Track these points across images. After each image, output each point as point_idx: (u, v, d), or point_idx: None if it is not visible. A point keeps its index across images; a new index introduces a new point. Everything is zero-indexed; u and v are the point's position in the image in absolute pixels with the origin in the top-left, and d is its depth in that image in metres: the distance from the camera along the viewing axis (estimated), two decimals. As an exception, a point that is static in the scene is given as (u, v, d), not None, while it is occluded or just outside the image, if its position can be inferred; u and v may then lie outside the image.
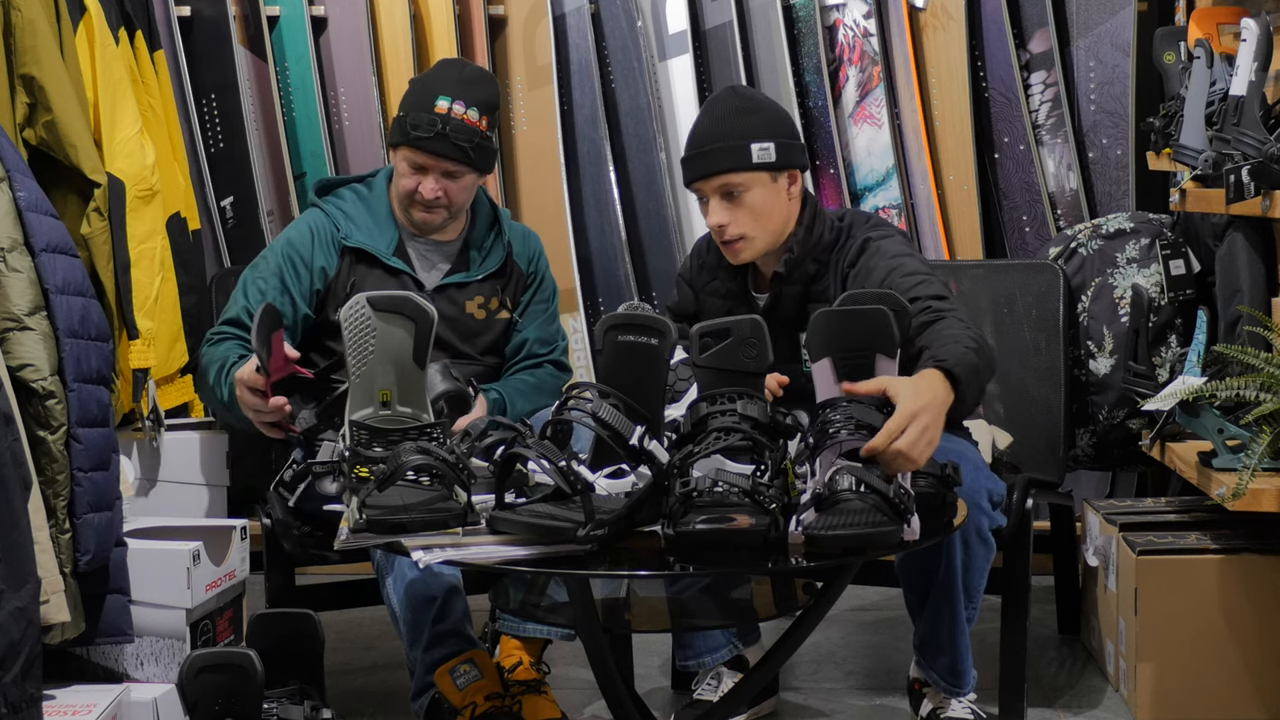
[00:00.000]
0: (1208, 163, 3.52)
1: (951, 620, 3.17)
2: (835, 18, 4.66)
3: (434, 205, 3.48)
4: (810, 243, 3.22)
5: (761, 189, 3.18)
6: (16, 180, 2.89)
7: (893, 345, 2.57)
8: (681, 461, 2.53)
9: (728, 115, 3.20)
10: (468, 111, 3.44)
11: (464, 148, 3.44)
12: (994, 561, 3.19)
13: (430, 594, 3.15)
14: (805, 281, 3.23)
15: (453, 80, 3.48)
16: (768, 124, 3.19)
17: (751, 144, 3.16)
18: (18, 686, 2.50)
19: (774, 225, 3.21)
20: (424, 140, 3.42)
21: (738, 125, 3.18)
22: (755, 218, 3.19)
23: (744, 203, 3.18)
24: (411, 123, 3.43)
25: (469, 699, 3.11)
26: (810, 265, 3.22)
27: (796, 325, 3.13)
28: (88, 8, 3.46)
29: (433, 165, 3.45)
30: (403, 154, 3.46)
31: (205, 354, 3.45)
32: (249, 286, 3.48)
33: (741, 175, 3.16)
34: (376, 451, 2.62)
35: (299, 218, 3.59)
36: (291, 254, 3.48)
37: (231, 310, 3.48)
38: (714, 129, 3.20)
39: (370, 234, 3.51)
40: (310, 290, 3.46)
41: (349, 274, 3.47)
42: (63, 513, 2.84)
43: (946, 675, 3.24)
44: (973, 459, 3.12)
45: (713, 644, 3.42)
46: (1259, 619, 3.36)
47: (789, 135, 3.22)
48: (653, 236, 4.75)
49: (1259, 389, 3.15)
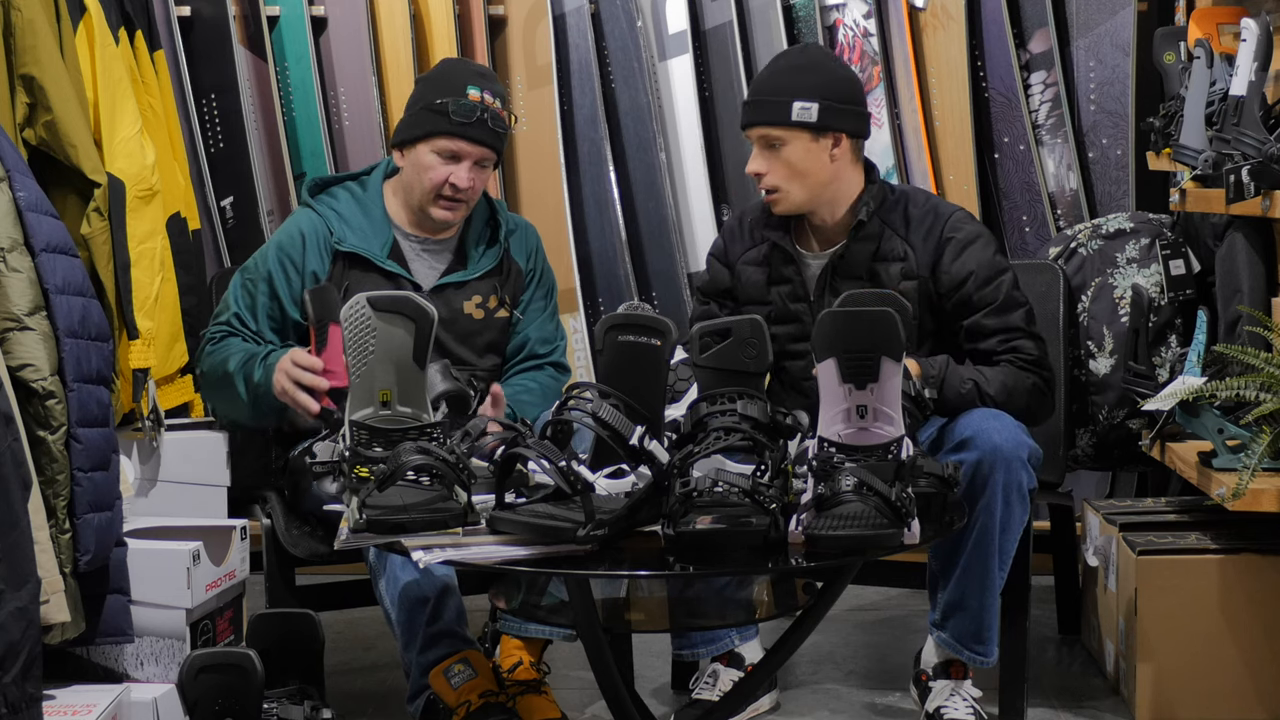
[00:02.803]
0: (1208, 163, 3.51)
1: (983, 578, 3.19)
2: (835, 18, 4.66)
3: (458, 200, 3.44)
4: (879, 201, 3.33)
5: (800, 146, 3.27)
6: (16, 180, 2.89)
7: (898, 348, 2.57)
8: (681, 461, 2.53)
9: (783, 70, 3.33)
10: (495, 101, 3.45)
11: (500, 135, 3.45)
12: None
13: (423, 595, 3.15)
14: (875, 239, 3.32)
15: (473, 72, 3.49)
16: (819, 85, 3.27)
17: (794, 102, 3.25)
18: (18, 686, 2.50)
19: (810, 183, 3.29)
20: (466, 127, 3.39)
21: (787, 81, 3.29)
22: (791, 173, 3.28)
23: (782, 156, 3.28)
24: (454, 110, 3.39)
25: (463, 698, 3.11)
26: (876, 224, 3.33)
27: (861, 278, 3.30)
28: (88, 8, 3.45)
29: (470, 154, 3.41)
30: (435, 144, 3.41)
31: (213, 352, 3.43)
32: (239, 290, 3.47)
33: (780, 130, 3.27)
34: (376, 451, 2.62)
35: (290, 218, 3.57)
36: (283, 257, 3.45)
37: (224, 313, 3.47)
38: (766, 81, 3.34)
39: (364, 236, 3.48)
40: (300, 294, 3.45)
41: (342, 278, 3.44)
42: (63, 513, 2.84)
43: (971, 641, 3.23)
44: (1009, 421, 3.17)
45: (711, 635, 3.43)
46: (1259, 619, 3.36)
47: (842, 100, 3.29)
48: (653, 236, 4.75)
49: (1259, 389, 3.15)
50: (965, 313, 3.29)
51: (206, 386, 3.54)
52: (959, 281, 3.29)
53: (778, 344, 3.35)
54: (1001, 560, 3.19)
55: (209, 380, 3.48)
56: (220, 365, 3.41)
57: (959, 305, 3.30)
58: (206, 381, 3.51)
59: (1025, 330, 3.30)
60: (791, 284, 3.37)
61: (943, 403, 3.18)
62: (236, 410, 3.44)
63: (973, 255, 3.30)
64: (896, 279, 3.29)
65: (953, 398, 3.19)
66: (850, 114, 3.30)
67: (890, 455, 2.55)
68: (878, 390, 2.56)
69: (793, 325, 3.35)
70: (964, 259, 3.29)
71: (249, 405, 3.38)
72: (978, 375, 3.22)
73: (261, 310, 3.44)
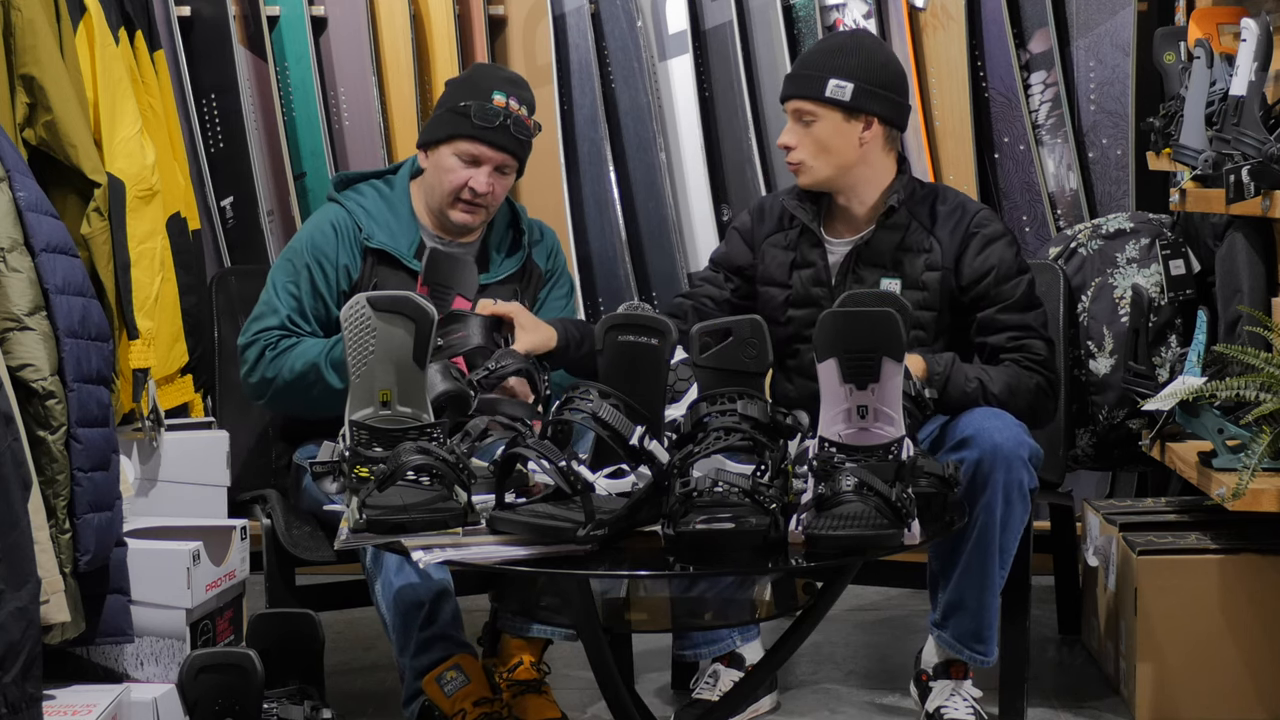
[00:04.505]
0: (1208, 163, 3.51)
1: (983, 577, 3.19)
2: (835, 18, 4.66)
3: (477, 204, 3.43)
4: (908, 192, 3.38)
5: (831, 124, 3.31)
6: (16, 180, 2.89)
7: (900, 348, 2.57)
8: (681, 461, 2.53)
9: (826, 49, 3.39)
10: (521, 108, 3.44)
11: (522, 141, 3.44)
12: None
13: (418, 599, 3.14)
14: (901, 230, 3.35)
15: (502, 78, 3.48)
16: (858, 67, 3.32)
17: (830, 79, 3.30)
18: (18, 686, 2.50)
19: (836, 161, 3.33)
20: (488, 131, 3.39)
21: (828, 60, 3.34)
22: (818, 149, 3.33)
23: (812, 132, 3.33)
24: (476, 113, 3.38)
25: (458, 705, 3.10)
26: (904, 215, 3.36)
27: (885, 267, 3.35)
28: (88, 8, 3.45)
29: (490, 158, 3.41)
30: (457, 147, 3.41)
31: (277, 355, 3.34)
32: (282, 294, 3.42)
33: (812, 105, 3.32)
34: (376, 451, 2.62)
35: (318, 213, 3.55)
36: (318, 255, 3.43)
37: (271, 317, 3.40)
38: (809, 57, 3.41)
39: (392, 234, 3.47)
40: (336, 291, 3.42)
41: (371, 274, 3.43)
42: (63, 513, 2.84)
43: (971, 641, 3.24)
44: (1010, 420, 3.18)
45: (712, 635, 3.43)
46: (1259, 619, 3.36)
47: (879, 85, 3.33)
48: (653, 236, 4.74)
49: (1259, 389, 3.15)
50: (981, 306, 3.31)
51: (279, 392, 3.39)
52: (980, 275, 3.32)
53: (793, 327, 3.38)
54: (1002, 560, 3.19)
55: (283, 384, 3.37)
56: (296, 362, 3.34)
57: (976, 299, 3.32)
58: (278, 386, 3.38)
59: (1037, 331, 3.32)
60: (814, 268, 3.40)
61: (947, 400, 3.19)
62: (321, 403, 3.30)
63: (995, 252, 3.33)
64: (921, 270, 3.32)
65: (957, 395, 3.20)
66: (886, 100, 3.34)
67: (890, 455, 2.56)
68: (878, 390, 2.56)
69: (811, 309, 3.36)
70: (987, 254, 3.32)
71: (344, 391, 3.22)
72: (983, 374, 3.23)
73: (309, 310, 3.42)
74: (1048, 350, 3.32)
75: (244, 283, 3.82)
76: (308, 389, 3.34)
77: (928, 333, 3.33)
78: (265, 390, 3.41)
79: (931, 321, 3.33)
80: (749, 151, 4.64)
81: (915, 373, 3.05)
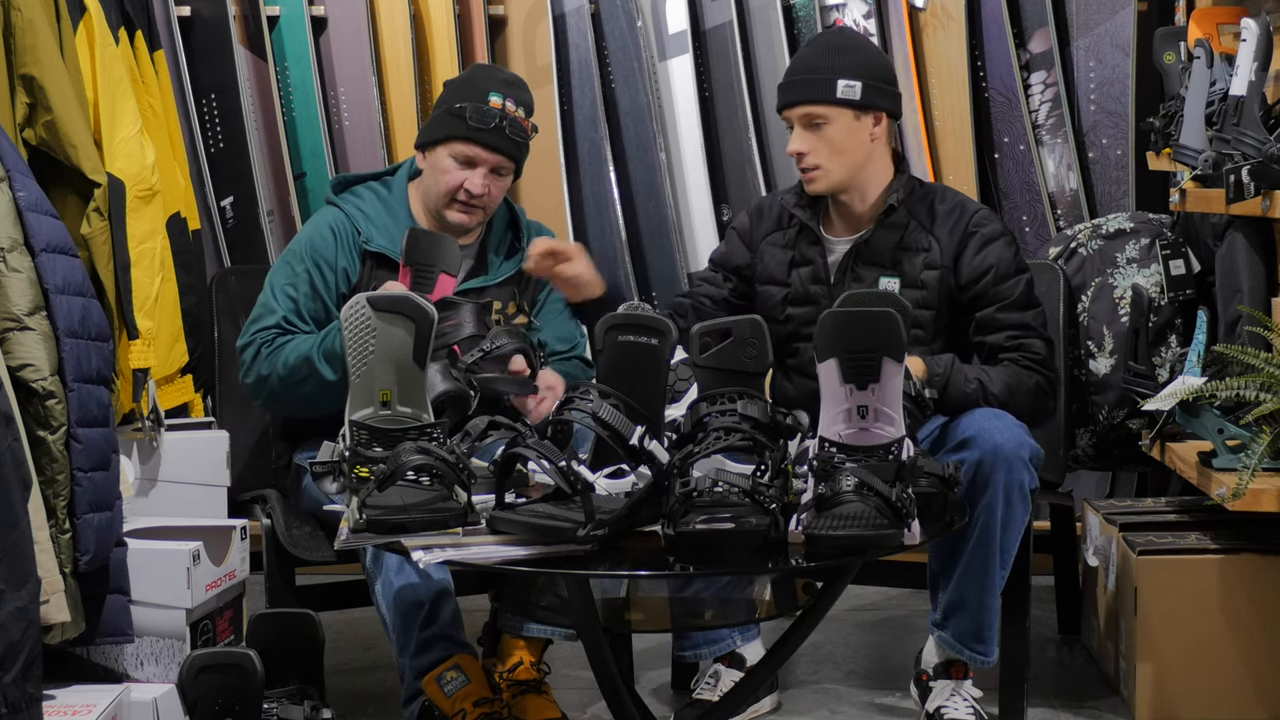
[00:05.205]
0: (1208, 163, 3.52)
1: (983, 577, 3.19)
2: (835, 18, 4.66)
3: (473, 205, 3.43)
4: (907, 191, 3.38)
5: (843, 124, 3.32)
6: (16, 180, 2.89)
7: (900, 348, 2.57)
8: (681, 461, 2.53)
9: (823, 50, 3.37)
10: (518, 110, 3.44)
11: (518, 144, 3.44)
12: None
13: (418, 600, 3.15)
14: (900, 229, 3.36)
15: (499, 80, 3.48)
16: (860, 64, 3.33)
17: (839, 79, 3.30)
18: (18, 686, 2.50)
19: (850, 161, 3.34)
20: (482, 133, 3.39)
21: (830, 61, 3.33)
22: (833, 151, 3.33)
23: (824, 135, 3.32)
24: (471, 115, 3.39)
25: (458, 705, 3.10)
26: (903, 214, 3.37)
27: (884, 266, 3.35)
28: (88, 8, 3.45)
29: (485, 160, 3.41)
30: (452, 148, 3.41)
31: (272, 353, 3.34)
32: (280, 295, 3.41)
33: (824, 108, 3.31)
34: (376, 451, 2.62)
35: (316, 216, 3.55)
36: (317, 258, 3.43)
37: (268, 317, 3.40)
38: (808, 61, 3.38)
39: (391, 237, 3.46)
40: (336, 293, 3.42)
41: (370, 277, 3.43)
42: (63, 513, 2.84)
43: (971, 641, 3.24)
44: (1011, 421, 3.19)
45: (713, 635, 3.43)
46: (1259, 619, 3.36)
47: (881, 79, 3.35)
48: (653, 236, 4.74)
49: (1259, 389, 3.15)
50: (980, 305, 3.31)
51: (274, 389, 3.38)
52: (979, 274, 3.32)
53: (792, 325, 3.39)
54: (1002, 560, 3.19)
55: (277, 380, 3.35)
56: (290, 356, 3.33)
57: (975, 298, 3.32)
58: (273, 383, 3.37)
59: (1036, 330, 3.32)
60: (813, 265, 3.40)
61: (947, 401, 3.19)
62: (316, 398, 3.29)
63: (994, 251, 3.33)
64: (919, 269, 3.33)
65: (957, 396, 3.20)
66: (889, 94, 3.37)
67: (891, 455, 2.56)
68: (879, 390, 2.56)
69: (809, 307, 3.36)
70: (985, 254, 3.33)
71: (337, 384, 3.17)
72: (982, 374, 3.23)
73: (306, 312, 3.41)
74: (1046, 349, 3.32)
75: (244, 283, 3.82)
76: (301, 382, 3.33)
77: (926, 332, 3.33)
78: (261, 388, 3.40)
79: (930, 321, 3.33)
80: (749, 151, 4.64)
81: (915, 374, 3.05)
